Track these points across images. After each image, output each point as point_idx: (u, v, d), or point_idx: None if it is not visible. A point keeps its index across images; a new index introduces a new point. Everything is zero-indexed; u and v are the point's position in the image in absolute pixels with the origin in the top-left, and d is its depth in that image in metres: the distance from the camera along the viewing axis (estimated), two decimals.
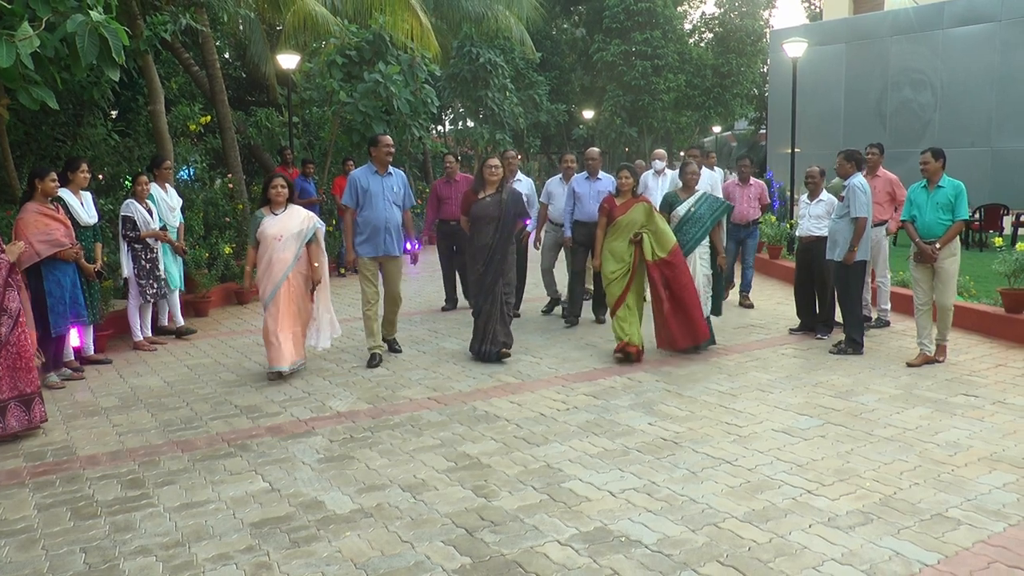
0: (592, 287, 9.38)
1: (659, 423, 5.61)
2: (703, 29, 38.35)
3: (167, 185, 8.79)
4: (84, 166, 7.42)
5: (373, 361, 7.35)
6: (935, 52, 17.46)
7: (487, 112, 24.57)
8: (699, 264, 7.54)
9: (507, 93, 24.66)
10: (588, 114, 34.09)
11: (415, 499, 4.42)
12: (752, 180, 10.13)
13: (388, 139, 7.39)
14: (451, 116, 31.59)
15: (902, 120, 18.08)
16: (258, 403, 6.24)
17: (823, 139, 18.80)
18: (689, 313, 7.24)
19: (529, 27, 24.77)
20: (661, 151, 10.64)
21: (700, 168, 8.32)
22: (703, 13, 39.21)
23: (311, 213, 7.04)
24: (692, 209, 7.58)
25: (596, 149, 9.25)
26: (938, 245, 6.90)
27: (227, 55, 17.95)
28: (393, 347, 7.83)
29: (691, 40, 37.02)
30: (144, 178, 8.26)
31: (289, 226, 6.83)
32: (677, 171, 10.25)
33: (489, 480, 4.65)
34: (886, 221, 8.36)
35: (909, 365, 7.00)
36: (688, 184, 7.71)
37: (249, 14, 13.16)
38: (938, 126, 17.28)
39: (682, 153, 10.01)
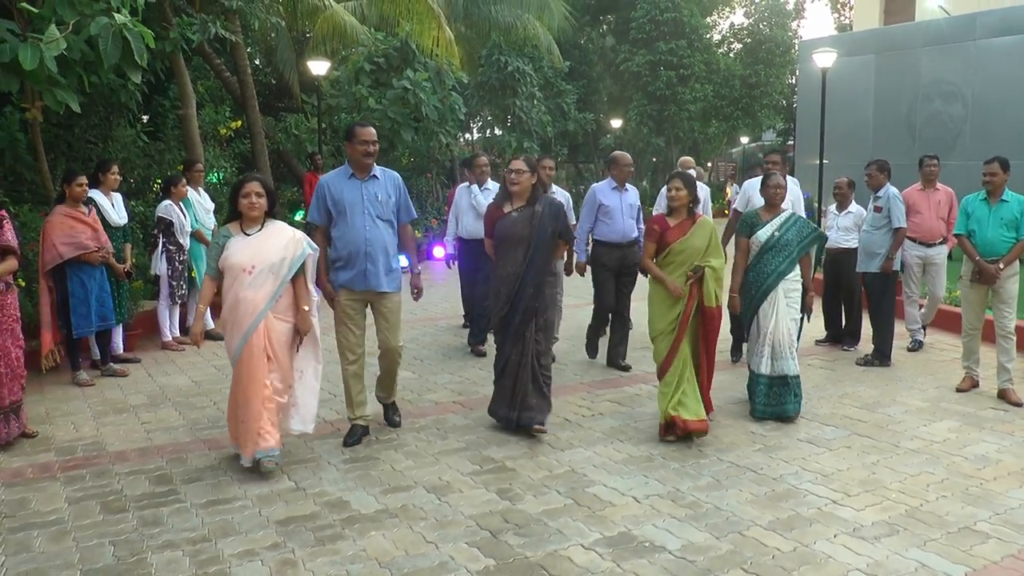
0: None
1: None
2: (731, 40, 38.24)
3: (199, 188, 8.91)
4: (115, 168, 7.56)
5: (353, 436, 5.39)
6: (967, 64, 17.29)
7: (515, 120, 24.64)
8: (784, 304, 5.89)
9: (535, 101, 24.71)
10: (616, 123, 34.08)
11: (440, 501, 4.45)
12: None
13: (369, 131, 5.33)
14: (479, 124, 31.70)
15: (932, 132, 17.90)
16: None
17: (851, 150, 18.66)
18: (711, 375, 5.76)
19: (559, 36, 24.83)
20: (688, 159, 9.23)
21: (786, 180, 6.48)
22: (732, 23, 39.05)
23: (299, 234, 4.98)
24: (776, 234, 5.93)
25: (627, 153, 7.55)
26: (1001, 265, 6.25)
27: (257, 61, 18.18)
28: (389, 416, 5.75)
29: (720, 50, 36.91)
30: (184, 180, 8.40)
31: (265, 252, 4.78)
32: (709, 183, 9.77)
33: (514, 484, 4.67)
34: (946, 239, 7.93)
35: (958, 391, 6.50)
36: (772, 202, 6.04)
37: (280, 22, 13.31)
38: (969, 138, 17.10)
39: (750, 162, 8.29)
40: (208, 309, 4.87)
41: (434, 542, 3.95)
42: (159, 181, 11.04)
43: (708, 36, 34.90)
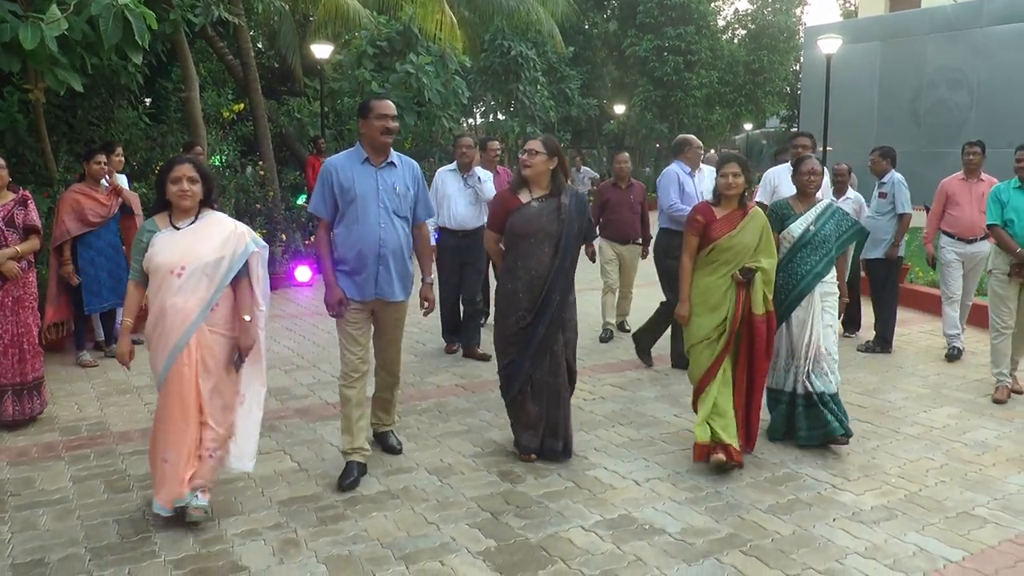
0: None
1: (685, 415, 5.61)
2: (736, 25, 38.08)
3: None
4: (119, 149, 7.59)
5: (348, 477, 4.43)
6: (973, 50, 17.24)
7: (518, 105, 24.60)
8: (821, 311, 5.04)
9: (538, 86, 24.66)
10: (619, 109, 34.00)
11: (441, 482, 4.48)
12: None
13: (388, 104, 4.47)
14: (482, 109, 31.65)
15: (937, 119, 17.89)
16: (287, 385, 6.33)
17: (856, 137, 18.63)
18: (758, 400, 4.90)
19: (562, 21, 24.76)
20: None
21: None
22: (736, 9, 38.93)
23: (242, 227, 4.10)
24: (812, 228, 5.08)
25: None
26: None
27: (260, 45, 18.14)
28: (387, 444, 4.89)
29: (724, 36, 36.77)
30: None
31: (199, 249, 3.92)
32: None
33: (515, 466, 4.69)
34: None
35: (996, 401, 5.93)
36: (806, 190, 5.15)
37: (283, 5, 13.29)
38: (974, 126, 17.07)
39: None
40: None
41: (435, 523, 3.98)
42: (162, 163, 11.05)
43: (713, 22, 34.76)
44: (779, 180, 6.72)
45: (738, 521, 4.01)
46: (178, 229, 3.96)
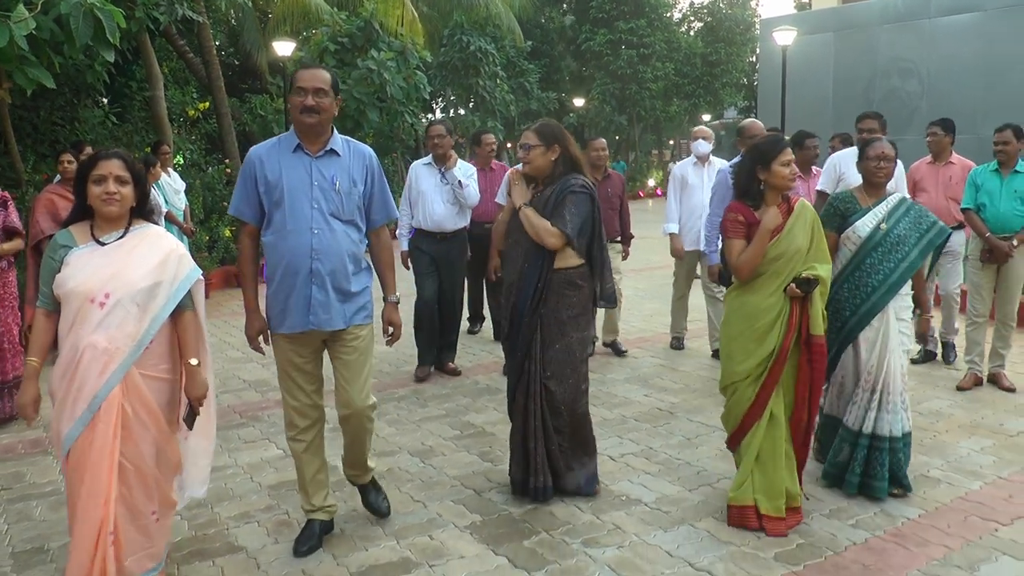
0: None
1: (655, 395, 5.83)
2: (692, 18, 38.56)
3: (169, 169, 8.96)
4: (87, 149, 7.61)
5: (307, 541, 3.64)
6: (923, 41, 17.72)
7: (478, 100, 24.74)
8: (896, 331, 4.15)
9: (498, 81, 24.83)
10: (579, 102, 34.29)
11: (424, 463, 4.64)
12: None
13: (313, 74, 3.40)
14: (442, 104, 31.73)
15: (890, 108, 18.29)
16: (266, 378, 6.43)
17: (812, 127, 18.74)
18: (807, 446, 3.99)
19: (520, 16, 24.94)
20: (705, 129, 7.26)
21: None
22: (692, 2, 39.36)
23: (182, 248, 3.28)
24: (884, 226, 4.15)
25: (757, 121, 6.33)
26: (1015, 242, 5.62)
27: (219, 42, 18.09)
28: (369, 500, 3.95)
29: (680, 29, 37.22)
30: (159, 161, 8.45)
31: (129, 272, 3.09)
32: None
33: (494, 446, 4.87)
34: (962, 224, 6.27)
35: (959, 389, 5.84)
36: (873, 179, 4.23)
37: (246, 2, 13.29)
38: (925, 114, 17.54)
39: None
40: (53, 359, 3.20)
41: (421, 501, 4.15)
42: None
43: (668, 15, 35.19)
44: (845, 167, 5.80)
45: (708, 490, 4.23)
46: (102, 244, 3.12)
